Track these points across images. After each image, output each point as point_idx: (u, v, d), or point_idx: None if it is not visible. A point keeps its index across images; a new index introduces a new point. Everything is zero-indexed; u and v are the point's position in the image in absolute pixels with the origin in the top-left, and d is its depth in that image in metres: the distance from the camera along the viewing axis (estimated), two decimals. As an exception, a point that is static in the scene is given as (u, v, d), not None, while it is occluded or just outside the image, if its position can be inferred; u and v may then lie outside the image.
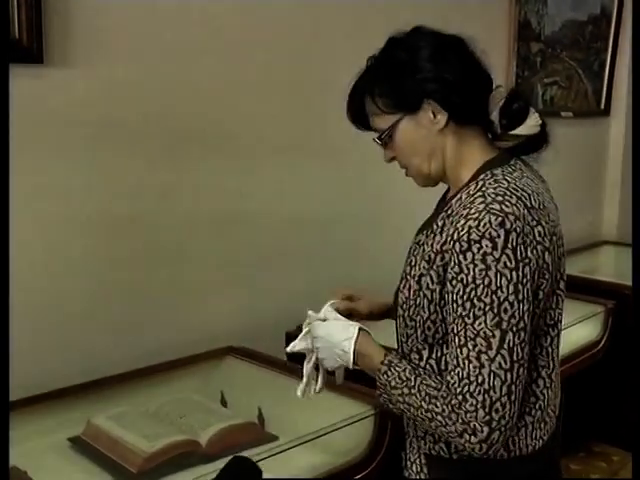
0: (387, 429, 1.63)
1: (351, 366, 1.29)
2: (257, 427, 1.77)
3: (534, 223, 1.14)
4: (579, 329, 2.64)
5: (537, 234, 1.14)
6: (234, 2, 2.16)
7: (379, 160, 1.36)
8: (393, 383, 1.21)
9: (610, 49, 3.84)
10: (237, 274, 2.30)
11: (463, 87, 1.21)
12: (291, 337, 2.27)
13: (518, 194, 1.15)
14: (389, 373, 1.22)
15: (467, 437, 1.11)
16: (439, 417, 1.14)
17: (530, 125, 1.25)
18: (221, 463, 1.37)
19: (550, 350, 1.23)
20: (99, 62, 1.90)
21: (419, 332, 1.22)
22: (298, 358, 2.12)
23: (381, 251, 2.43)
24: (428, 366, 1.23)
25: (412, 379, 1.19)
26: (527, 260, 1.11)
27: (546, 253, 1.15)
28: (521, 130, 1.24)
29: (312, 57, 2.36)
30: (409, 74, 1.22)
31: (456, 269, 1.12)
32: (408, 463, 1.33)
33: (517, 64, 3.27)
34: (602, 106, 3.91)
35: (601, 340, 2.68)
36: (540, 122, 1.26)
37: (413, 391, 1.18)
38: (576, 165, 3.80)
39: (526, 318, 1.11)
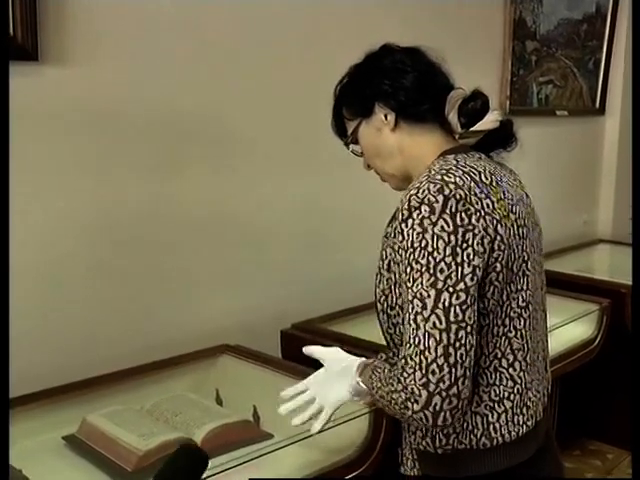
0: (382, 427, 1.64)
1: (356, 375, 1.28)
2: (252, 425, 1.77)
3: (482, 195, 1.16)
4: (574, 327, 2.65)
5: (485, 205, 1.15)
6: (233, 2, 2.16)
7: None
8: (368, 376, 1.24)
9: (605, 48, 3.84)
10: (233, 273, 2.30)
11: (411, 88, 1.29)
12: (286, 336, 2.29)
13: (466, 169, 1.19)
14: (372, 374, 1.24)
15: (410, 405, 1.10)
16: (393, 395, 1.14)
17: (488, 121, 1.30)
18: (216, 461, 1.38)
19: (524, 332, 1.22)
20: (94, 60, 1.90)
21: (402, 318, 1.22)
22: (294, 357, 2.13)
23: (378, 250, 2.43)
24: None
25: (385, 370, 1.21)
26: (470, 227, 1.12)
27: (498, 225, 1.15)
28: (479, 126, 1.29)
29: (310, 61, 2.36)
30: (365, 82, 1.32)
31: (399, 237, 1.15)
32: (404, 459, 1.34)
33: (512, 63, 3.28)
34: (597, 105, 3.92)
35: (596, 338, 2.69)
36: (500, 119, 1.31)
37: (382, 382, 1.19)
38: (571, 163, 3.81)
39: (468, 280, 1.10)
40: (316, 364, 1.95)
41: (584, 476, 3.03)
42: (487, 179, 1.20)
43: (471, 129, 1.28)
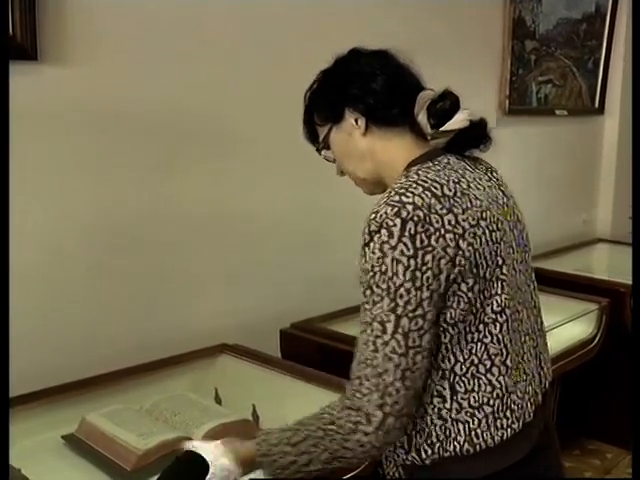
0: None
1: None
2: (251, 424, 1.77)
3: (444, 211, 1.14)
4: (573, 327, 2.65)
5: (447, 222, 1.14)
6: (233, 2, 2.16)
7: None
8: (274, 441, 1.20)
9: (604, 47, 3.85)
10: (232, 272, 2.30)
11: (380, 91, 1.28)
12: (285, 335, 2.29)
13: (426, 185, 1.17)
14: (266, 438, 1.22)
15: (362, 427, 1.12)
16: (336, 423, 1.14)
17: (457, 120, 1.27)
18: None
19: (501, 337, 1.20)
20: (94, 59, 1.89)
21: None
22: (294, 356, 2.12)
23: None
24: None
25: (291, 426, 1.21)
26: (429, 248, 1.12)
27: (460, 240, 1.14)
28: (448, 126, 1.27)
29: (310, 60, 2.34)
30: (334, 87, 1.32)
31: (362, 261, 1.16)
32: (388, 477, 1.32)
33: (511, 62, 3.28)
34: (596, 104, 3.92)
35: (595, 338, 2.69)
36: (470, 118, 1.28)
37: (297, 428, 1.20)
38: (570, 163, 3.81)
39: (425, 305, 1.12)
40: (316, 364, 1.95)
41: (583, 475, 3.03)
42: (450, 191, 1.18)
43: (441, 129, 1.27)
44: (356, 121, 1.29)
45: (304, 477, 1.20)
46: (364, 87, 1.29)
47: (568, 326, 2.62)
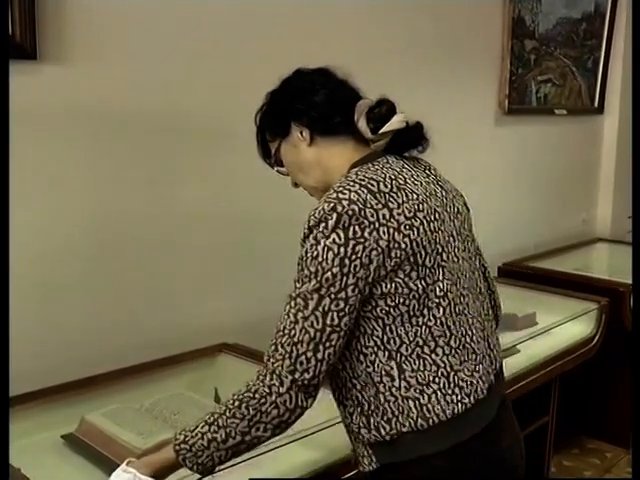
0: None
1: None
2: (251, 424, 1.77)
3: (379, 206, 1.23)
4: (573, 326, 2.65)
5: (382, 216, 1.23)
6: (233, 2, 2.16)
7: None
8: (192, 427, 1.26)
9: (604, 47, 3.85)
10: (231, 271, 2.30)
11: (322, 104, 1.38)
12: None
13: (363, 183, 1.26)
14: (185, 428, 1.27)
15: (275, 389, 1.21)
16: (247, 393, 1.24)
17: (394, 122, 1.35)
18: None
19: (444, 320, 1.28)
20: (93, 58, 1.90)
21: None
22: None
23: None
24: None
25: (207, 416, 1.27)
26: (361, 239, 1.21)
27: (395, 233, 1.23)
28: (386, 127, 1.35)
29: (310, 60, 2.36)
30: (280, 104, 1.44)
31: (300, 253, 1.25)
32: (359, 458, 1.37)
33: (511, 61, 3.28)
34: (596, 104, 3.92)
35: (595, 337, 2.69)
36: (406, 120, 1.37)
37: (214, 416, 1.26)
38: (570, 162, 3.81)
39: (349, 291, 1.21)
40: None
41: (582, 475, 3.03)
42: (387, 187, 1.26)
43: (379, 132, 1.35)
44: (301, 133, 1.39)
45: (227, 458, 1.26)
46: (307, 101, 1.39)
47: (568, 325, 2.63)
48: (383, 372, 1.27)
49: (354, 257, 1.20)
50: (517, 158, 3.41)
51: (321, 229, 1.23)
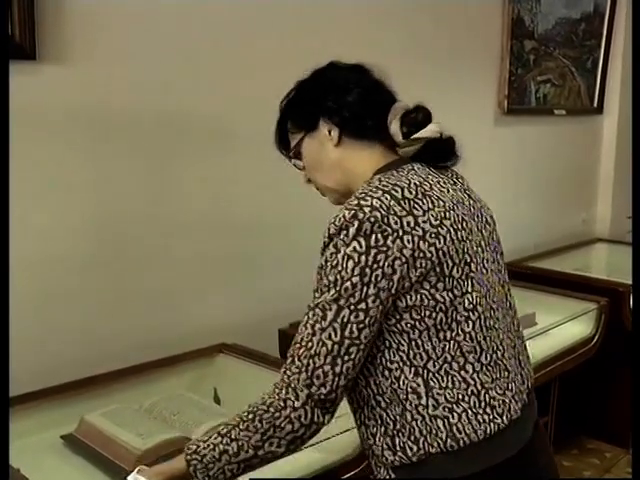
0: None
1: None
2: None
3: (403, 213, 1.17)
4: (572, 326, 2.66)
5: (406, 224, 1.16)
6: (233, 2, 2.16)
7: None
8: (204, 437, 1.22)
9: (603, 47, 3.85)
10: (231, 271, 2.30)
11: (355, 104, 1.32)
12: (284, 335, 2.29)
13: (387, 189, 1.19)
14: (197, 438, 1.24)
15: (291, 403, 1.16)
16: (262, 406, 1.18)
17: (429, 129, 1.30)
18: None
19: (474, 334, 1.22)
20: (92, 59, 1.90)
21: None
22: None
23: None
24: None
25: (220, 427, 1.22)
26: (384, 248, 1.14)
27: (420, 241, 1.16)
28: (420, 133, 1.29)
29: (309, 60, 2.36)
30: (310, 98, 1.36)
31: (321, 261, 1.20)
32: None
33: (510, 62, 3.28)
34: (595, 104, 3.92)
35: (594, 337, 2.69)
36: (440, 130, 1.31)
37: (228, 422, 1.22)
38: (569, 163, 3.81)
39: (370, 302, 1.15)
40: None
41: (582, 475, 3.03)
42: (411, 193, 1.20)
43: (412, 136, 1.29)
44: (329, 132, 1.32)
45: (239, 472, 1.21)
46: (339, 99, 1.32)
47: (567, 325, 2.63)
48: (409, 389, 1.20)
49: (375, 266, 1.14)
50: (516, 158, 3.41)
51: (341, 237, 1.16)
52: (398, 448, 1.23)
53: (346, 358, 1.15)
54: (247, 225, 2.32)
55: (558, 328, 2.60)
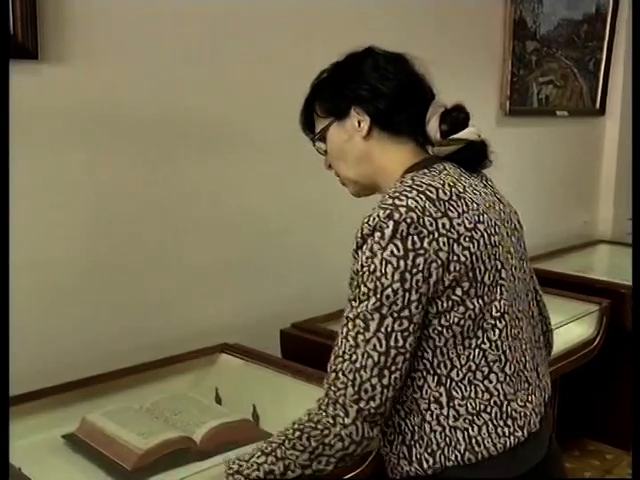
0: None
1: None
2: (251, 424, 1.77)
3: (438, 215, 1.13)
4: (574, 327, 2.65)
5: (441, 226, 1.12)
6: (233, 2, 2.16)
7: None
8: (246, 457, 1.19)
9: (605, 48, 3.84)
10: (232, 271, 2.30)
11: (391, 96, 1.25)
12: (286, 335, 2.29)
13: (421, 189, 1.15)
14: (240, 457, 1.20)
15: (340, 419, 1.11)
16: (309, 424, 1.14)
17: (470, 131, 1.27)
18: (215, 460, 1.37)
19: (500, 343, 1.18)
20: (94, 58, 1.90)
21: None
22: (294, 356, 2.12)
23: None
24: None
25: (263, 446, 1.18)
26: (421, 251, 1.10)
27: (455, 245, 1.13)
28: (461, 134, 1.26)
29: (308, 60, 2.36)
30: (344, 83, 1.28)
31: (353, 265, 1.16)
32: None
33: (512, 63, 3.27)
34: (597, 105, 3.91)
35: (595, 338, 2.69)
36: (479, 133, 1.28)
37: (272, 439, 1.18)
38: (571, 164, 3.81)
39: (413, 308, 1.11)
40: (316, 364, 1.95)
41: (583, 476, 3.03)
42: (446, 194, 1.16)
43: (452, 136, 1.25)
44: (359, 123, 1.27)
45: None
46: (374, 89, 1.26)
47: (569, 327, 2.62)
48: (431, 398, 1.17)
49: (415, 271, 1.10)
50: (518, 160, 3.41)
51: (376, 239, 1.11)
52: (414, 459, 1.20)
53: (393, 369, 1.11)
54: (249, 225, 2.32)
55: (560, 329, 2.58)
